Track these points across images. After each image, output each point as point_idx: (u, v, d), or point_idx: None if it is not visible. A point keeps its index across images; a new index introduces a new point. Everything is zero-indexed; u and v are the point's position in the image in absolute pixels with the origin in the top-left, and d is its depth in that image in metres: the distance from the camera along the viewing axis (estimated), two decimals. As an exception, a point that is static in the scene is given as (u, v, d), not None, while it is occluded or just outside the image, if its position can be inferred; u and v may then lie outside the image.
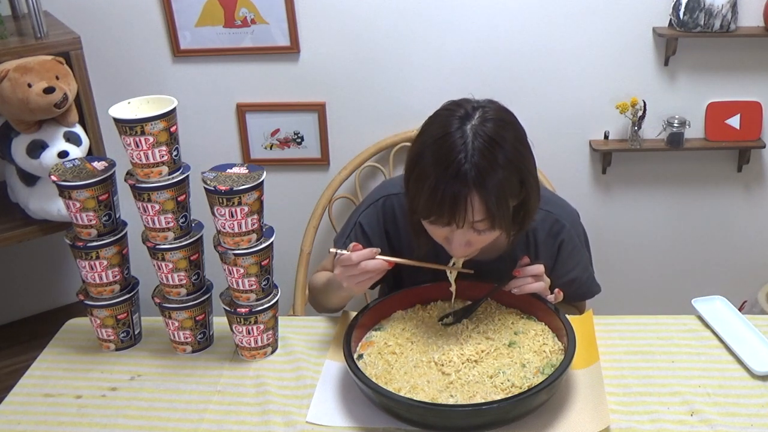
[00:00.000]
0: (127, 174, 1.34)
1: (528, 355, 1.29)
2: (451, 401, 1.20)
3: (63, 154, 1.70)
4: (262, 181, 1.30)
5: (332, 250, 1.37)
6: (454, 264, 1.39)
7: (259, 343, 1.41)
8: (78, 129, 1.78)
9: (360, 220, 1.52)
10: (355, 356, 1.31)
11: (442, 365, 1.29)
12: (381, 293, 1.69)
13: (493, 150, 1.22)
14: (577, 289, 1.55)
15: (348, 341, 1.30)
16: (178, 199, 1.34)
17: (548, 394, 1.20)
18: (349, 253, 1.32)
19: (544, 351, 1.29)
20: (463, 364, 1.28)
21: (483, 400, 1.19)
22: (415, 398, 1.19)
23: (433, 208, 1.24)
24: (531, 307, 1.40)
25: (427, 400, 1.20)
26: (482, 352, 1.31)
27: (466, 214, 1.23)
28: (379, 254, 1.33)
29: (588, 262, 1.56)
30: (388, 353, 1.32)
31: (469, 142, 1.21)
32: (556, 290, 1.42)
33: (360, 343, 1.36)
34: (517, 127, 1.29)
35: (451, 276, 1.40)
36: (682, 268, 2.40)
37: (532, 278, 1.37)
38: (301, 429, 1.23)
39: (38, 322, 2.16)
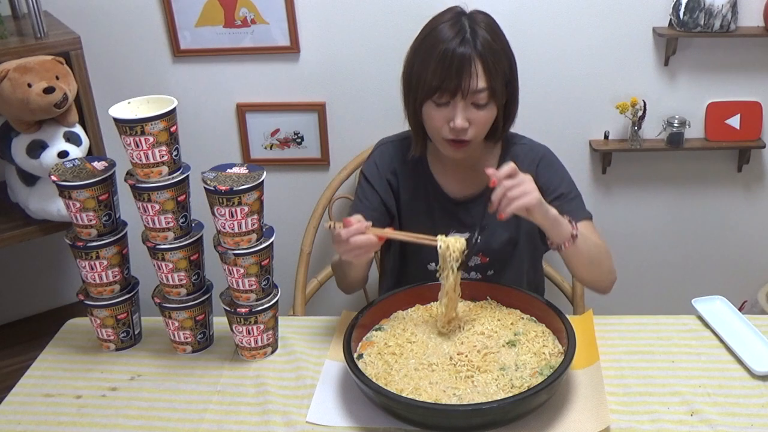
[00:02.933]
0: (127, 174, 1.34)
1: (527, 357, 1.29)
2: (451, 401, 1.20)
3: (63, 154, 1.70)
4: (262, 181, 1.30)
5: (326, 224, 1.40)
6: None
7: (259, 343, 1.41)
8: (78, 129, 1.78)
9: (363, 170, 1.66)
10: (355, 356, 1.31)
11: (443, 365, 1.29)
12: (380, 292, 1.69)
13: (492, 34, 1.42)
14: (568, 206, 1.51)
15: (348, 341, 1.30)
16: (178, 199, 1.35)
17: (548, 394, 1.21)
18: (339, 230, 1.32)
19: (544, 353, 1.29)
20: (462, 364, 1.28)
21: (483, 400, 1.19)
22: (415, 398, 1.20)
23: (443, 74, 1.37)
24: (531, 306, 1.40)
25: (427, 400, 1.20)
26: (482, 352, 1.31)
27: (471, 79, 1.37)
28: (371, 225, 1.34)
29: (571, 182, 1.60)
30: (388, 353, 1.32)
31: (466, 26, 1.40)
32: (574, 225, 1.40)
33: (360, 343, 1.36)
34: (503, 32, 1.47)
35: (439, 244, 1.36)
36: (682, 268, 2.39)
37: (510, 181, 1.29)
38: (301, 429, 1.23)
39: (38, 322, 2.16)
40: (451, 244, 1.35)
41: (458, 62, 1.36)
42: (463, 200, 1.58)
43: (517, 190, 1.30)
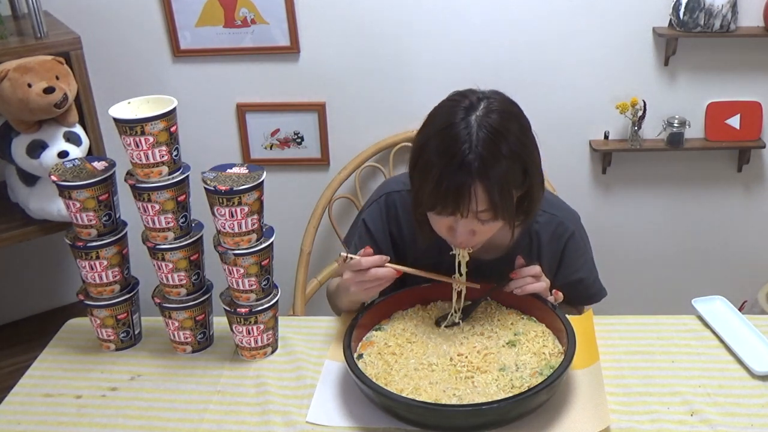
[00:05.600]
0: (127, 174, 1.34)
1: (527, 357, 1.29)
2: (451, 401, 1.20)
3: (63, 154, 1.70)
4: (262, 181, 1.30)
5: (343, 254, 1.35)
6: (460, 267, 1.37)
7: (259, 343, 1.41)
8: (78, 129, 1.78)
9: (364, 218, 1.52)
10: (355, 356, 1.31)
11: (443, 366, 1.29)
12: (381, 293, 1.69)
13: (498, 141, 1.23)
14: (584, 290, 1.55)
15: (348, 341, 1.30)
16: (178, 199, 1.34)
17: (548, 394, 1.20)
18: (359, 258, 1.31)
19: (544, 353, 1.29)
20: (462, 364, 1.28)
21: (483, 401, 1.19)
22: (415, 398, 1.19)
23: (438, 199, 1.25)
24: (531, 307, 1.40)
25: (427, 400, 1.19)
26: (482, 352, 1.31)
27: (470, 204, 1.24)
28: (389, 261, 1.33)
29: (592, 264, 1.57)
30: (388, 354, 1.32)
31: (473, 133, 1.22)
32: (554, 291, 1.42)
33: (360, 343, 1.36)
34: (521, 118, 1.30)
35: (455, 288, 1.39)
36: (682, 268, 2.40)
37: (532, 278, 1.37)
38: (301, 429, 1.23)
39: (38, 322, 2.16)
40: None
41: (455, 190, 1.23)
42: (476, 264, 1.41)
43: (534, 286, 1.37)
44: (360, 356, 1.32)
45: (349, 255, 1.33)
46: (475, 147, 1.22)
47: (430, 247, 1.42)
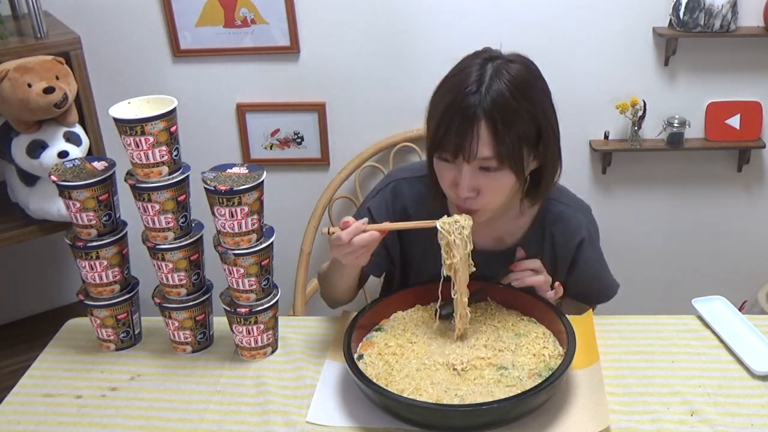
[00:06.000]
0: (127, 174, 1.34)
1: (527, 358, 1.29)
2: (452, 402, 1.20)
3: (63, 154, 1.70)
4: (262, 181, 1.30)
5: (323, 228, 1.33)
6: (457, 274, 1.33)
7: (259, 343, 1.41)
8: (78, 129, 1.78)
9: (369, 206, 1.51)
10: (356, 356, 1.31)
11: (443, 366, 1.29)
12: (382, 292, 1.69)
13: (513, 90, 1.20)
14: (599, 286, 1.55)
15: (348, 341, 1.30)
16: (178, 199, 1.34)
17: (548, 394, 1.20)
18: (338, 233, 1.28)
19: (543, 355, 1.29)
20: (462, 364, 1.28)
21: (483, 401, 1.19)
22: (415, 398, 1.19)
23: (444, 128, 1.22)
24: (531, 308, 1.40)
25: (427, 400, 1.19)
26: (482, 353, 1.31)
27: (472, 145, 1.20)
28: (367, 222, 1.29)
29: (604, 260, 1.56)
30: (389, 354, 1.32)
31: (487, 75, 1.21)
32: (557, 284, 1.41)
33: (360, 344, 1.36)
34: (543, 81, 1.28)
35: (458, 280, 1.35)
36: (682, 268, 2.39)
37: (531, 271, 1.36)
38: (301, 429, 1.23)
39: (38, 322, 2.16)
40: (458, 218, 1.28)
41: (460, 121, 1.19)
42: (481, 253, 1.35)
43: (533, 279, 1.37)
44: (360, 357, 1.32)
45: (330, 230, 1.30)
46: (487, 87, 1.20)
47: (435, 244, 1.36)
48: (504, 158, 1.21)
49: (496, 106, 1.19)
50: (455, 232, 1.27)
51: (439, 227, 1.29)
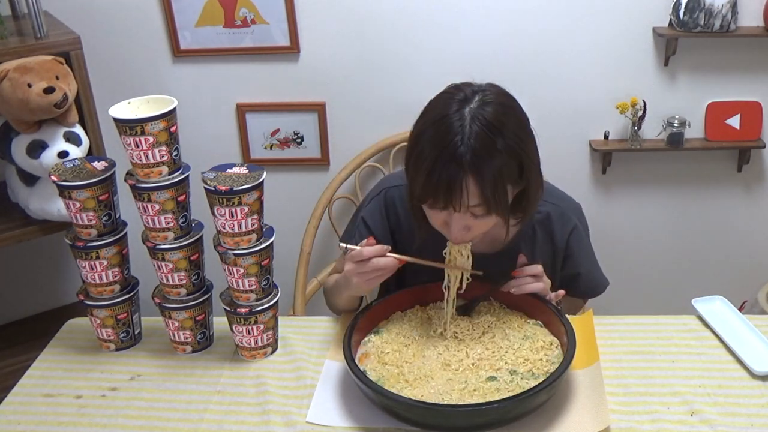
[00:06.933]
0: (127, 174, 1.34)
1: (528, 359, 1.29)
2: (452, 401, 1.20)
3: (63, 154, 1.70)
4: (262, 181, 1.30)
5: (342, 244, 1.34)
6: (450, 281, 1.37)
7: (259, 343, 1.41)
8: (78, 129, 1.78)
9: (363, 214, 1.52)
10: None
11: (444, 366, 1.29)
12: (380, 293, 1.69)
13: (492, 135, 1.21)
14: (588, 282, 1.55)
15: (348, 343, 1.30)
16: (178, 199, 1.34)
17: (548, 394, 1.20)
18: (360, 248, 1.30)
19: (542, 358, 1.29)
20: (462, 364, 1.28)
21: (483, 400, 1.19)
22: (415, 398, 1.19)
23: (430, 192, 1.24)
24: (532, 308, 1.40)
25: (427, 400, 1.19)
26: (483, 353, 1.31)
27: (462, 198, 1.22)
28: (389, 251, 1.31)
29: (593, 256, 1.57)
30: (390, 353, 1.32)
31: (466, 125, 1.21)
32: (560, 291, 1.42)
33: (357, 356, 1.35)
34: (518, 112, 1.29)
35: (453, 277, 1.38)
36: (682, 268, 2.40)
37: (531, 278, 1.37)
38: (301, 429, 1.23)
39: (38, 322, 2.16)
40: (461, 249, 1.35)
41: (446, 184, 1.21)
42: (476, 256, 1.38)
43: (533, 286, 1.36)
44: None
45: (350, 245, 1.32)
46: (467, 140, 1.20)
47: (427, 240, 1.40)
48: (491, 204, 1.24)
49: (479, 160, 1.20)
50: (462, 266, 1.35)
51: (448, 273, 1.37)
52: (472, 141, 1.20)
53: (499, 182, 1.23)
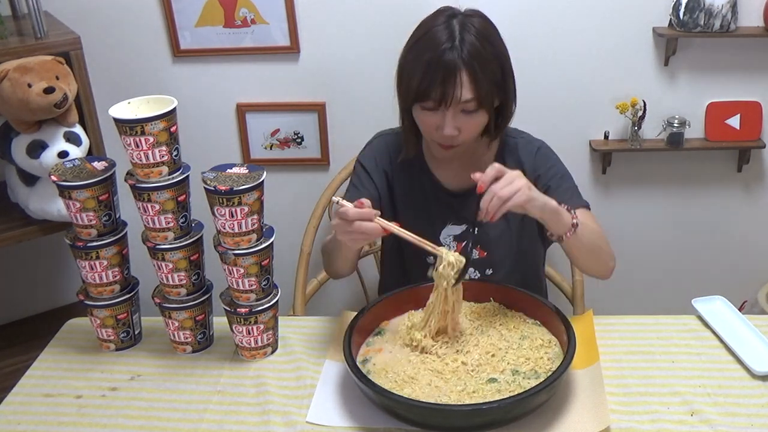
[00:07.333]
0: (127, 174, 1.34)
1: (528, 359, 1.29)
2: (451, 401, 1.20)
3: (63, 154, 1.70)
4: (262, 181, 1.30)
5: (334, 198, 1.33)
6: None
7: (259, 343, 1.41)
8: (78, 129, 1.78)
9: (359, 159, 1.66)
10: (360, 360, 1.31)
11: (444, 366, 1.29)
12: (382, 286, 1.69)
13: (481, 40, 1.39)
14: (565, 194, 1.50)
15: (349, 343, 1.30)
16: (178, 199, 1.35)
17: (548, 394, 1.20)
18: (346, 207, 1.27)
19: (543, 358, 1.29)
20: (464, 365, 1.28)
21: (483, 400, 1.19)
22: (415, 398, 1.19)
23: (427, 83, 1.37)
24: (532, 308, 1.40)
25: (427, 400, 1.19)
26: (484, 353, 1.31)
27: (455, 91, 1.36)
28: (380, 214, 1.29)
29: (569, 177, 1.59)
30: (391, 353, 1.32)
31: (457, 32, 1.38)
32: (574, 212, 1.39)
33: (359, 355, 1.34)
34: (497, 31, 1.46)
35: (440, 292, 1.34)
36: (682, 268, 2.39)
37: (500, 186, 1.27)
38: (301, 429, 1.23)
39: (38, 322, 2.16)
40: (452, 262, 1.30)
41: (444, 72, 1.36)
42: (460, 192, 1.57)
43: (507, 190, 1.26)
44: (365, 360, 1.32)
45: (341, 200, 1.30)
46: (460, 43, 1.37)
47: (419, 214, 1.56)
48: (482, 99, 1.38)
49: (472, 56, 1.36)
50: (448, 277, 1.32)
51: (440, 259, 1.32)
52: (466, 43, 1.37)
53: (488, 80, 1.38)
